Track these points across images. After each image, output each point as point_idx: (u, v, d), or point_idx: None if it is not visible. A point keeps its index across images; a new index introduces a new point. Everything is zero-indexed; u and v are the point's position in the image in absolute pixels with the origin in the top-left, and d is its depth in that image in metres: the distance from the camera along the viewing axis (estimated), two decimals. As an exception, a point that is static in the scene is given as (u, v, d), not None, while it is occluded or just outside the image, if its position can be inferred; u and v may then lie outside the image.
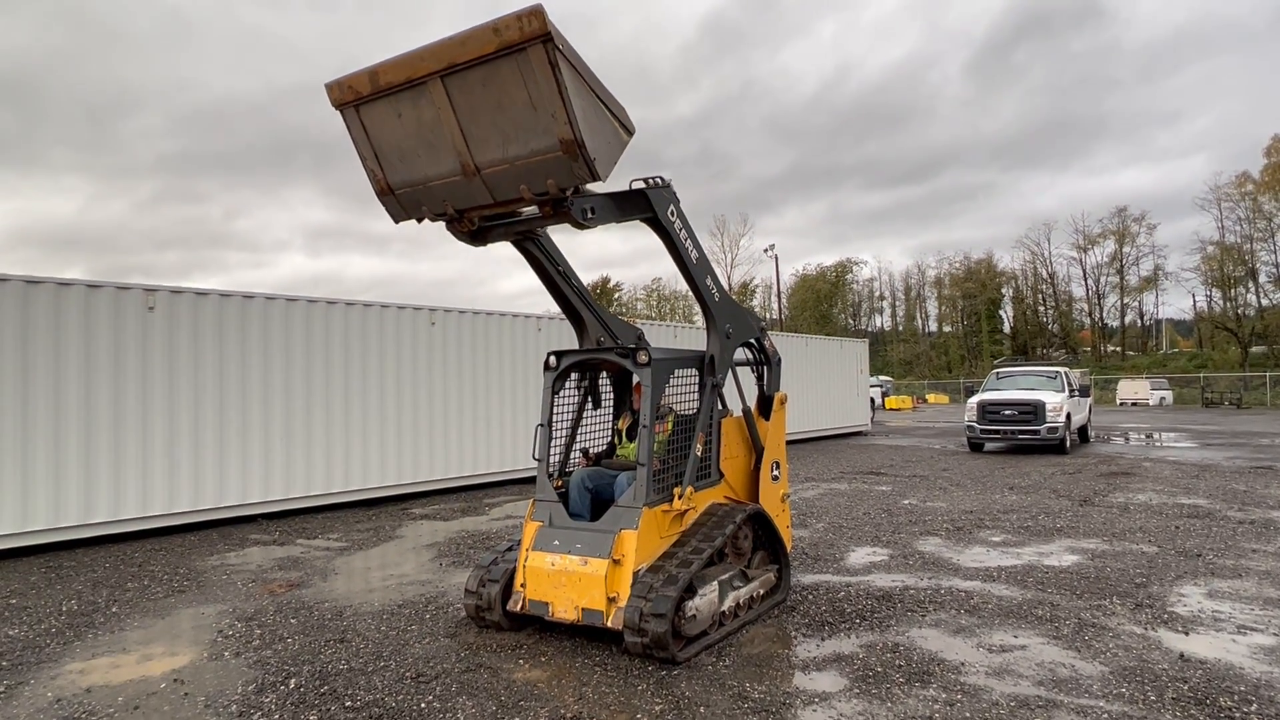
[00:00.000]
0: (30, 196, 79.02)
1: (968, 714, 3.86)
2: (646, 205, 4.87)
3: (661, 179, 5.03)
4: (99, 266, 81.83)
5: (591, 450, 6.08)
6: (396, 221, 4.73)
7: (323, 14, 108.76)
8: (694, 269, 5.26)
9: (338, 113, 4.52)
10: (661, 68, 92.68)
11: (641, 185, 4.91)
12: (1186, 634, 5.02)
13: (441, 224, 4.68)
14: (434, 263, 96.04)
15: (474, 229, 4.66)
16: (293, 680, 4.46)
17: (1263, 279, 53.56)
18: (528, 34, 3.67)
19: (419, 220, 4.66)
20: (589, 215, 4.38)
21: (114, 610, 6.03)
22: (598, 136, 4.02)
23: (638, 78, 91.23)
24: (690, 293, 5.59)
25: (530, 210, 4.66)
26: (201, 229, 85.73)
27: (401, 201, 4.57)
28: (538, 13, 3.62)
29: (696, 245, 5.31)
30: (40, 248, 76.99)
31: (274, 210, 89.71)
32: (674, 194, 5.10)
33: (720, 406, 5.71)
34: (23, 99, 77.79)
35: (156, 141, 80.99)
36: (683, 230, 5.15)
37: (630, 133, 4.40)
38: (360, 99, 4.32)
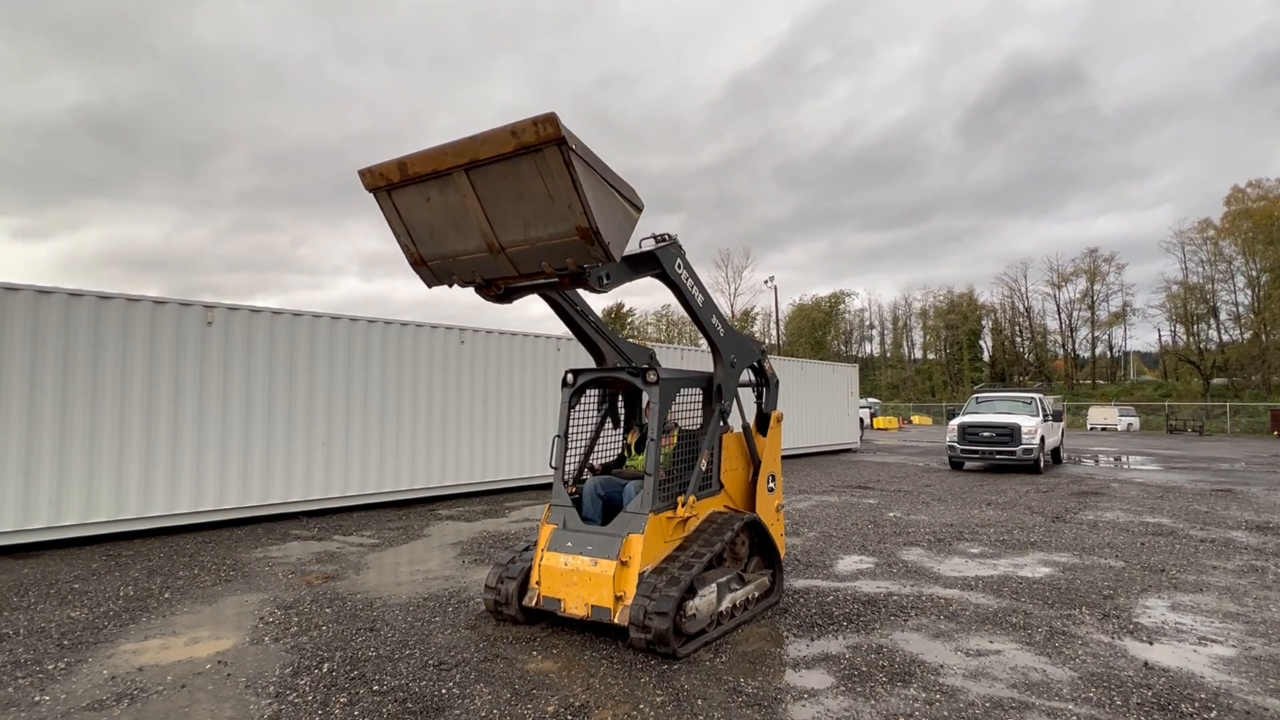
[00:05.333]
0: (123, 223, 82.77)
1: (945, 713, 3.80)
2: (656, 263, 4.88)
3: (669, 236, 5.05)
4: (175, 285, 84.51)
5: (599, 462, 6.07)
6: (430, 287, 4.74)
7: (398, 71, 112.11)
8: (700, 312, 5.27)
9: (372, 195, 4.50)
10: (690, 122, 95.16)
11: (651, 244, 4.91)
12: (1151, 644, 4.93)
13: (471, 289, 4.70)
14: (473, 290, 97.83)
15: (501, 293, 4.67)
16: (326, 665, 4.45)
17: (1223, 316, 53.22)
18: (543, 138, 3.63)
19: (449, 286, 4.69)
20: (605, 281, 4.35)
21: (166, 596, 6.04)
22: (610, 221, 3.99)
23: (669, 129, 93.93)
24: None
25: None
26: (269, 254, 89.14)
27: (434, 271, 4.59)
28: (551, 119, 3.58)
29: (702, 289, 5.30)
30: (126, 267, 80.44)
31: (334, 239, 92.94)
32: (680, 248, 5.08)
33: (722, 424, 5.70)
34: (130, 139, 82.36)
35: (238, 178, 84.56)
36: (689, 279, 5.15)
37: (639, 209, 4.32)
38: (391, 185, 4.32)
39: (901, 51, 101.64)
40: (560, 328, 5.86)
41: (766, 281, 52.87)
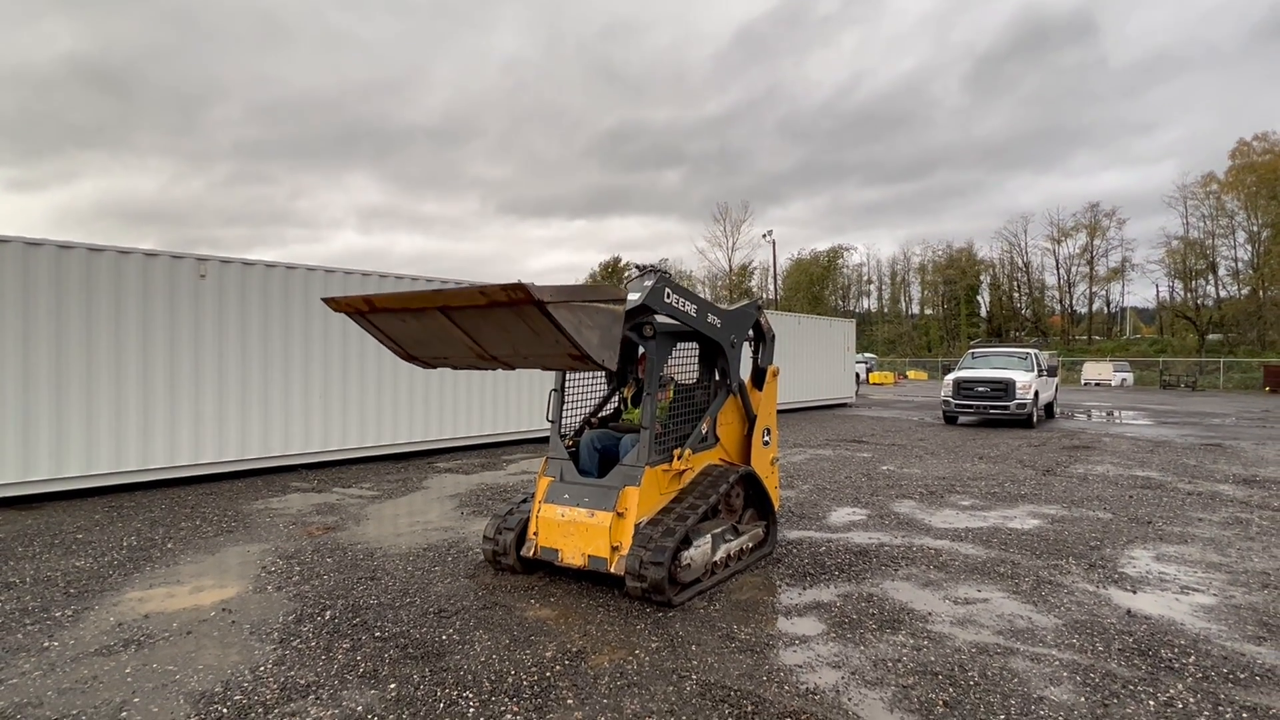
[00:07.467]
0: (118, 175, 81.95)
1: (933, 658, 3.90)
2: (648, 308, 4.81)
3: (654, 269, 4.98)
4: (172, 238, 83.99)
5: (595, 416, 6.09)
6: (426, 369, 4.60)
7: (400, 17, 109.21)
8: (696, 322, 5.23)
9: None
10: (696, 72, 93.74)
11: (636, 288, 4.79)
12: (1134, 593, 5.06)
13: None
14: (473, 243, 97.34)
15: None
16: (328, 612, 4.55)
17: (1222, 272, 53.09)
18: (515, 300, 3.47)
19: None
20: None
21: (169, 546, 6.13)
22: (598, 337, 3.83)
23: (674, 80, 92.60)
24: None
25: None
26: (267, 207, 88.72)
27: (428, 362, 4.55)
28: (520, 288, 3.37)
29: (693, 299, 5.23)
30: (121, 220, 79.81)
31: (333, 192, 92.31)
32: (666, 279, 4.98)
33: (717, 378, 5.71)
34: (125, 88, 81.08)
35: (236, 129, 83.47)
36: (680, 302, 5.09)
37: (622, 303, 4.11)
38: (361, 313, 4.17)
39: (912, 1, 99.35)
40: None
41: (765, 236, 52.32)
